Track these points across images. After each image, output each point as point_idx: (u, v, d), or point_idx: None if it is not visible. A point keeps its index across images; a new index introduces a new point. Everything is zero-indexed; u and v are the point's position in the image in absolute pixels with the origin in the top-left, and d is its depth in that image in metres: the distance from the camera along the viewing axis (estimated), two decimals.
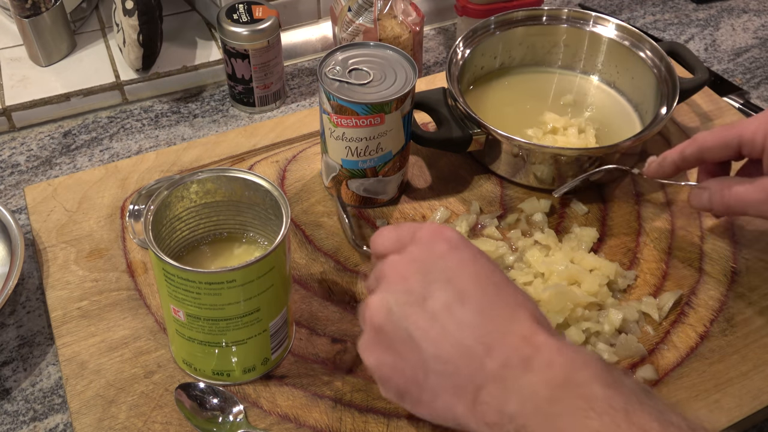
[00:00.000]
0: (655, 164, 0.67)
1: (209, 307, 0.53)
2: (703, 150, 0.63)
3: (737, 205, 0.60)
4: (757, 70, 0.98)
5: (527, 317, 0.45)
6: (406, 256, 0.48)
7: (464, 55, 0.81)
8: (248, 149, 0.80)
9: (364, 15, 0.84)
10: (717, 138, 0.62)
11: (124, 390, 0.59)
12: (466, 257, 0.47)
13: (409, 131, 0.71)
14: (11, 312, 0.67)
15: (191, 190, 0.58)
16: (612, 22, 0.83)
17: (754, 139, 0.59)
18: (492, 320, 0.44)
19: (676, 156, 0.65)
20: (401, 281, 0.47)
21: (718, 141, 0.62)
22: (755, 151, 0.60)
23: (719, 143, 0.62)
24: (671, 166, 0.66)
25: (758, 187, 0.58)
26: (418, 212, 0.74)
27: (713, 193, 0.62)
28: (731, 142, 0.61)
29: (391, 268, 0.48)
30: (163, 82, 0.90)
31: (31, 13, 0.85)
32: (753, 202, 0.58)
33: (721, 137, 0.62)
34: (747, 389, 0.60)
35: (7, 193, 0.78)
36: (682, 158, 0.65)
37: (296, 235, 0.71)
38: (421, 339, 0.45)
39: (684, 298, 0.66)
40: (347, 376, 0.60)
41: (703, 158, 0.64)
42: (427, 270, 0.47)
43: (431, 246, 0.48)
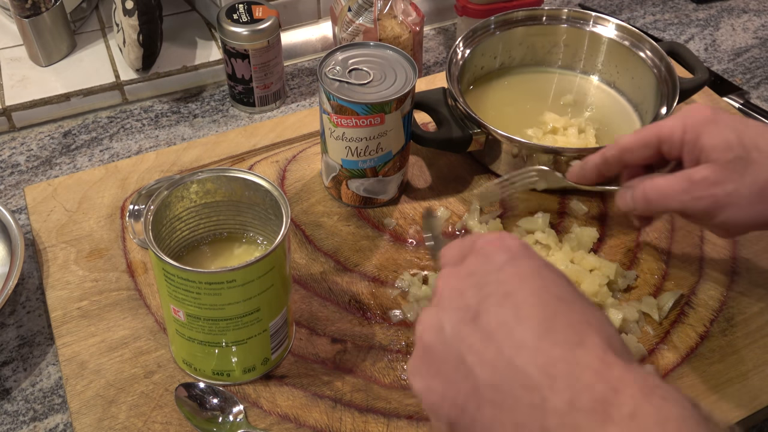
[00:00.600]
0: (578, 168, 0.65)
1: (209, 307, 0.53)
2: (623, 151, 0.61)
3: (658, 198, 0.57)
4: (757, 70, 0.98)
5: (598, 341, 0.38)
6: (463, 269, 0.44)
7: (464, 55, 0.81)
8: (248, 149, 0.80)
9: (364, 15, 0.84)
10: (636, 138, 0.60)
11: (124, 390, 0.59)
12: (528, 268, 0.42)
13: (409, 131, 0.71)
14: (11, 312, 0.67)
15: (191, 190, 0.58)
16: (612, 22, 0.83)
17: (672, 135, 0.58)
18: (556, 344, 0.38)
19: (597, 159, 0.63)
20: (455, 296, 0.42)
21: (637, 141, 0.60)
22: (674, 149, 0.58)
23: (638, 143, 0.60)
24: (593, 170, 0.64)
25: (678, 177, 0.56)
26: (418, 212, 0.74)
27: (635, 190, 0.59)
28: (650, 141, 0.59)
29: (446, 281, 0.44)
30: (163, 82, 0.90)
31: (31, 13, 0.85)
32: (673, 192, 0.56)
33: (640, 137, 0.60)
34: (747, 389, 0.60)
35: (7, 193, 0.78)
36: (604, 161, 0.63)
37: (296, 235, 0.71)
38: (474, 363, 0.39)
39: (684, 298, 0.66)
40: (347, 376, 0.60)
41: (624, 160, 0.62)
42: (483, 283, 0.42)
43: (490, 256, 0.43)
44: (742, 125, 0.56)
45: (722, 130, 0.55)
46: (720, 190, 0.55)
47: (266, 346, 0.58)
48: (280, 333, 0.58)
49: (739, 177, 0.54)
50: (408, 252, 0.70)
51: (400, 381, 0.60)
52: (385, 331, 0.63)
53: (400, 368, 0.61)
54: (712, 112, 0.57)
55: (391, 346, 0.62)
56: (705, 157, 0.56)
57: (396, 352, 0.62)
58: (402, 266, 0.68)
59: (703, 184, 0.55)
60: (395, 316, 0.64)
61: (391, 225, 0.72)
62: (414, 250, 0.70)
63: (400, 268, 0.68)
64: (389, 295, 0.66)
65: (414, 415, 0.58)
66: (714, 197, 0.55)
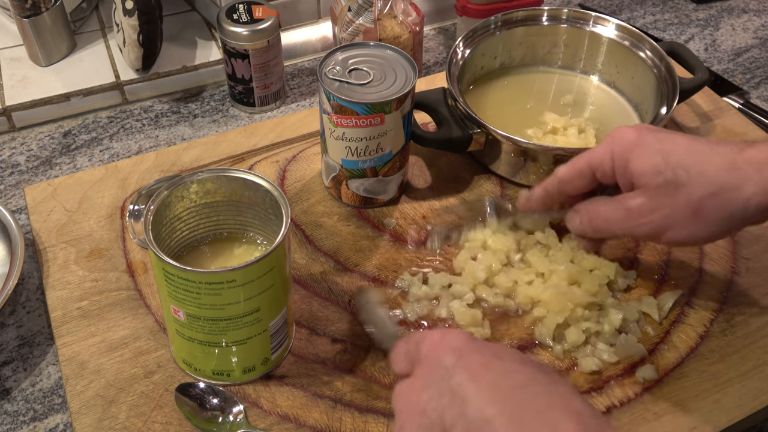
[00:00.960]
0: (524, 198, 0.67)
1: (209, 307, 0.53)
2: (561, 183, 0.62)
3: (605, 227, 0.59)
4: (757, 70, 0.98)
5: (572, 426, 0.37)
6: (417, 383, 0.43)
7: (464, 55, 0.81)
8: (248, 149, 0.80)
9: (364, 15, 0.84)
10: (570, 169, 0.61)
11: (124, 390, 0.59)
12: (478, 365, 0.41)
13: (409, 131, 0.71)
14: (11, 312, 0.67)
15: (191, 190, 0.58)
16: (612, 22, 0.83)
17: (602, 163, 0.59)
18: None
19: (540, 191, 0.64)
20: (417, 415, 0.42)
21: (572, 172, 0.61)
22: (607, 176, 0.59)
23: (573, 174, 0.61)
24: (538, 200, 0.65)
25: (618, 205, 0.58)
26: (418, 212, 0.74)
27: (582, 216, 0.61)
28: (583, 170, 0.60)
29: (404, 400, 0.43)
30: (163, 82, 0.90)
31: (31, 13, 0.85)
32: (616, 221, 0.58)
33: (574, 168, 0.61)
34: (747, 389, 0.60)
35: (7, 193, 0.78)
36: (546, 193, 0.64)
37: (296, 235, 0.71)
38: None
39: (684, 298, 0.66)
40: (347, 376, 0.60)
41: (564, 191, 0.63)
42: (439, 393, 0.41)
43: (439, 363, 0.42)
44: (668, 145, 0.56)
45: (649, 155, 0.56)
46: (656, 216, 0.55)
47: (266, 346, 0.58)
48: (280, 333, 0.58)
49: (672, 200, 0.55)
50: (408, 252, 0.70)
51: None
52: None
53: None
54: (637, 135, 0.57)
55: None
56: (636, 183, 0.57)
57: None
58: (402, 266, 0.68)
59: (639, 212, 0.56)
60: (395, 316, 0.64)
61: (391, 225, 0.72)
62: (414, 250, 0.70)
63: (400, 268, 0.68)
64: (389, 295, 0.66)
65: None
66: (652, 223, 0.56)
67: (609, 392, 0.59)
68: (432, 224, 0.71)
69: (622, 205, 0.58)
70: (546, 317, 0.63)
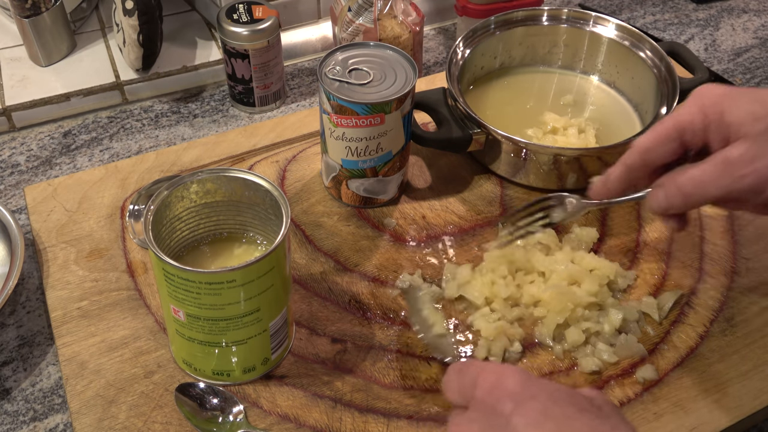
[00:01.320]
0: (600, 183, 0.61)
1: (209, 307, 0.53)
2: (644, 153, 0.57)
3: (695, 188, 0.54)
4: (757, 70, 0.98)
5: None
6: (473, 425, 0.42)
7: (464, 55, 0.81)
8: (248, 149, 0.80)
9: (364, 15, 0.84)
10: (655, 136, 0.57)
11: (124, 390, 0.59)
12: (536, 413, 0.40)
13: (409, 131, 0.71)
14: (11, 312, 0.67)
15: (191, 190, 0.58)
16: (612, 22, 0.83)
17: (692, 121, 0.55)
18: None
19: (620, 169, 0.59)
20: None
21: (657, 138, 0.57)
22: (697, 135, 0.55)
23: (659, 140, 0.56)
24: (617, 181, 0.60)
25: (713, 162, 0.53)
26: (418, 212, 0.74)
27: (667, 188, 0.55)
28: (670, 134, 0.56)
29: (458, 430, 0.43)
30: (163, 82, 0.90)
31: (31, 13, 0.85)
32: (711, 179, 0.53)
33: (659, 133, 0.56)
34: (747, 389, 0.60)
35: (7, 193, 0.78)
36: (627, 169, 0.59)
37: (296, 235, 0.71)
38: None
39: (684, 298, 0.66)
40: (347, 376, 0.60)
41: (647, 162, 0.58)
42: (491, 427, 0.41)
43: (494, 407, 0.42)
44: (761, 94, 0.53)
45: (744, 104, 0.53)
46: (761, 164, 0.51)
47: (266, 346, 0.58)
48: (280, 333, 0.58)
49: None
50: (408, 252, 0.70)
51: (400, 381, 0.60)
52: (385, 331, 0.63)
53: (400, 368, 0.61)
54: (725, 89, 0.54)
55: (391, 346, 0.62)
56: (734, 134, 0.53)
57: (396, 352, 0.62)
58: (402, 266, 0.68)
59: (741, 162, 0.52)
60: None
61: (391, 225, 0.72)
62: (414, 250, 0.70)
63: (400, 268, 0.68)
64: (389, 295, 0.66)
65: (414, 415, 0.58)
66: (757, 172, 0.51)
67: (609, 392, 0.59)
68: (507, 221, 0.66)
69: (719, 159, 0.53)
70: (546, 317, 0.63)
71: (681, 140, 0.56)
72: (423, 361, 0.61)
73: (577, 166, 0.73)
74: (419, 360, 0.61)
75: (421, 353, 0.62)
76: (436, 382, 0.60)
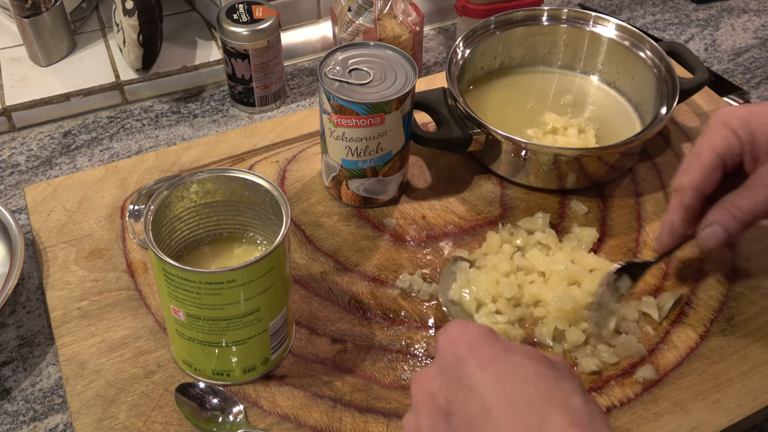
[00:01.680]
0: (666, 233, 0.64)
1: (209, 307, 0.53)
2: (698, 189, 0.61)
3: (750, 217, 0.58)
4: (757, 70, 0.98)
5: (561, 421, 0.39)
6: (432, 368, 0.45)
7: (464, 55, 0.81)
8: (248, 149, 0.80)
9: (364, 15, 0.84)
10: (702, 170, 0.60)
11: (124, 390, 0.59)
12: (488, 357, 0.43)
13: (409, 131, 0.71)
14: (11, 312, 0.67)
15: (191, 190, 0.58)
16: (612, 22, 0.83)
17: (729, 144, 0.58)
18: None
19: (680, 214, 0.63)
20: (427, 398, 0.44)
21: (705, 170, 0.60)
22: (736, 158, 0.59)
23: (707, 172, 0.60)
24: (682, 225, 0.63)
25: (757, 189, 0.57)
26: (418, 212, 0.74)
27: (725, 222, 0.60)
28: (716, 164, 0.60)
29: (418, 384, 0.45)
30: (163, 82, 0.90)
31: (31, 13, 0.85)
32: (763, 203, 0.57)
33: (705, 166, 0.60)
34: (747, 389, 0.60)
35: (7, 193, 0.78)
36: (687, 210, 0.62)
37: (296, 235, 0.71)
38: None
39: (684, 298, 0.66)
40: (347, 376, 0.60)
41: (701, 195, 0.62)
42: (449, 381, 0.43)
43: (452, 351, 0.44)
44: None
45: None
46: None
47: (266, 346, 0.58)
48: (280, 333, 0.58)
49: None
50: (408, 252, 0.70)
51: (400, 381, 0.60)
52: (385, 331, 0.63)
53: (400, 368, 0.61)
54: (748, 108, 0.57)
55: (391, 346, 0.62)
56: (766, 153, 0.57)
57: (396, 352, 0.62)
58: (402, 266, 0.68)
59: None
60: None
61: (391, 225, 0.72)
62: (414, 250, 0.70)
63: (400, 268, 0.68)
64: (389, 295, 0.66)
65: None
66: None
67: (609, 392, 0.59)
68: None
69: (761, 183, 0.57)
70: (546, 317, 0.63)
71: (723, 166, 0.60)
72: (423, 361, 0.61)
73: (577, 166, 0.73)
74: (419, 360, 0.61)
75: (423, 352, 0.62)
76: None
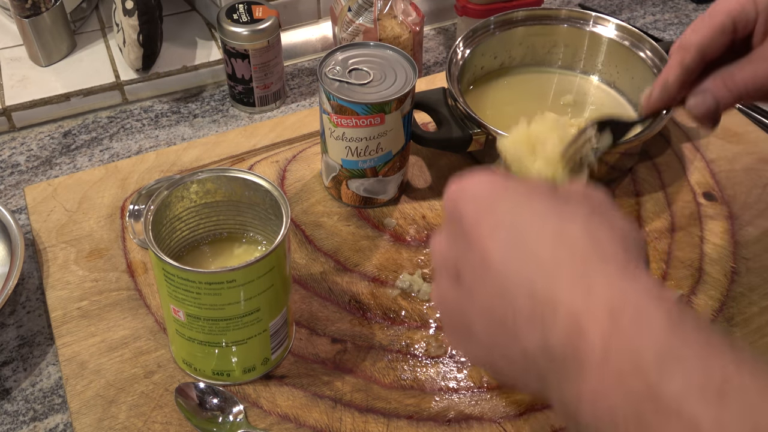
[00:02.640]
0: (657, 90, 0.58)
1: (209, 307, 0.53)
2: (702, 48, 0.55)
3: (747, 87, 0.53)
4: None
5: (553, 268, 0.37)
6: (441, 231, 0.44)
7: (464, 55, 0.81)
8: (248, 149, 0.80)
9: (364, 15, 0.84)
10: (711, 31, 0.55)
11: (124, 390, 0.59)
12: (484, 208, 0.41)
13: (409, 131, 0.71)
14: (11, 312, 0.67)
15: (191, 190, 0.58)
16: (612, 22, 0.83)
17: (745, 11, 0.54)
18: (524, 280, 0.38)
19: (677, 72, 0.56)
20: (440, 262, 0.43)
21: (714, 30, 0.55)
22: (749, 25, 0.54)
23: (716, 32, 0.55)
24: (676, 84, 0.57)
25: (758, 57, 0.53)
26: (418, 212, 0.74)
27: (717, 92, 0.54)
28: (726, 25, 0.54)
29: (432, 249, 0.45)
30: (163, 82, 0.90)
31: (31, 13, 0.85)
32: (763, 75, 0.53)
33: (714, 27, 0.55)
34: None
35: (7, 193, 0.78)
36: (686, 71, 0.56)
37: (296, 235, 0.71)
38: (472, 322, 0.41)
39: (684, 298, 0.66)
40: (347, 376, 0.60)
41: (704, 58, 0.56)
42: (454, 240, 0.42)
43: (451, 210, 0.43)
44: None
45: None
46: None
47: (266, 346, 0.58)
48: (280, 333, 0.58)
49: None
50: (408, 252, 0.70)
51: (400, 381, 0.60)
52: (385, 331, 0.63)
53: (400, 368, 0.61)
54: None
55: (391, 346, 0.62)
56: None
57: (396, 352, 0.62)
58: (402, 266, 0.68)
59: None
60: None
61: (391, 225, 0.72)
62: (414, 250, 0.70)
63: (400, 268, 0.68)
64: (389, 295, 0.66)
65: (414, 415, 0.58)
66: None
67: None
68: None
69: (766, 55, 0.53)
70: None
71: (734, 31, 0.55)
72: (423, 361, 0.61)
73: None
74: (419, 360, 0.61)
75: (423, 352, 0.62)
76: (437, 382, 0.60)
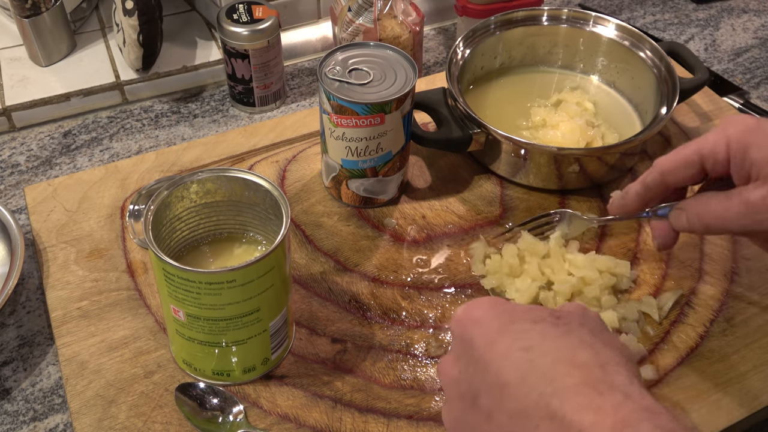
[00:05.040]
0: (618, 199, 0.63)
1: (209, 307, 0.53)
2: (664, 174, 0.58)
3: (719, 224, 0.55)
4: (757, 70, 0.98)
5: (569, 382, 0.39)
6: (450, 355, 0.46)
7: (464, 55, 0.81)
8: (248, 149, 0.80)
9: (364, 15, 0.84)
10: (677, 159, 0.57)
11: (124, 390, 0.59)
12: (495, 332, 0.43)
13: (409, 131, 0.71)
14: (11, 312, 0.67)
15: (191, 190, 0.58)
16: (612, 22, 0.83)
17: (715, 150, 0.54)
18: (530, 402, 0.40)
19: (638, 187, 0.60)
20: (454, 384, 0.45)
21: (678, 161, 0.57)
22: (719, 165, 0.55)
23: (679, 163, 0.57)
24: (635, 198, 0.61)
25: (735, 200, 0.53)
26: (418, 212, 0.74)
27: (689, 215, 0.57)
28: (691, 160, 0.56)
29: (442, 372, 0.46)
30: (163, 82, 0.90)
31: (31, 13, 0.85)
32: (734, 217, 0.53)
33: (681, 157, 0.57)
34: (747, 389, 0.60)
35: (7, 193, 0.78)
36: (645, 188, 0.60)
37: (296, 235, 0.71)
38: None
39: (684, 298, 0.66)
40: (347, 376, 0.60)
41: (666, 183, 0.59)
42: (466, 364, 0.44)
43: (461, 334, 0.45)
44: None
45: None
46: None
47: (266, 346, 0.58)
48: (280, 333, 0.58)
49: None
50: (408, 252, 0.70)
51: (400, 381, 0.60)
52: (385, 331, 0.63)
53: (400, 368, 0.61)
54: (756, 121, 0.54)
55: (391, 346, 0.62)
56: (756, 173, 0.52)
57: (396, 352, 0.62)
58: (402, 266, 0.68)
59: (763, 205, 0.52)
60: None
61: (391, 225, 0.72)
62: (414, 250, 0.70)
63: (401, 268, 0.68)
64: (389, 295, 0.66)
65: (414, 415, 0.58)
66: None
67: None
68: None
69: (741, 199, 0.53)
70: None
71: (702, 167, 0.56)
72: (423, 361, 0.61)
73: (577, 167, 0.73)
74: (419, 360, 0.61)
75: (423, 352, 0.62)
76: (437, 382, 0.60)
